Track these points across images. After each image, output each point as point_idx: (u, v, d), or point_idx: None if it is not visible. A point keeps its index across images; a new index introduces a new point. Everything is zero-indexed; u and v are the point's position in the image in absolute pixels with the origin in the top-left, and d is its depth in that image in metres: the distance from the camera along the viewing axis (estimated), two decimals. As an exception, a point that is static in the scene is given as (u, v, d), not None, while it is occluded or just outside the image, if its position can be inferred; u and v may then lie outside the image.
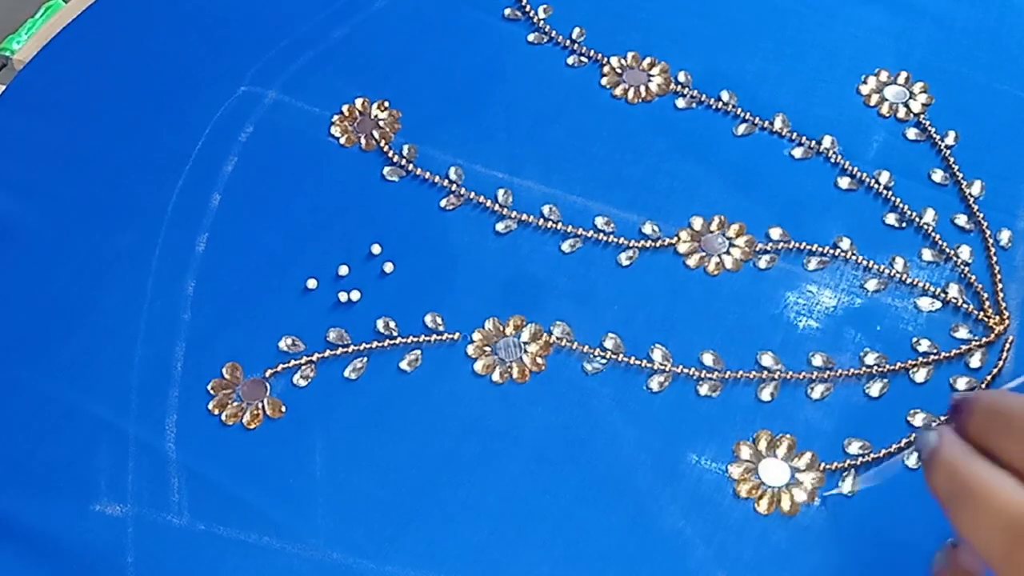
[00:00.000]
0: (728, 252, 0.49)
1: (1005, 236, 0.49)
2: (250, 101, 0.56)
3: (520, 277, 0.49)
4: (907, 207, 0.50)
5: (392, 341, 0.47)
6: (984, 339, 0.46)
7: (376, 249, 0.50)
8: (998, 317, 0.47)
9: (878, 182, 0.51)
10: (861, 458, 0.43)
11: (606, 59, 0.57)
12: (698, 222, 0.50)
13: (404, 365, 0.46)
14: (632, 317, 0.47)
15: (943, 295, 0.47)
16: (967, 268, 0.48)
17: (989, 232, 0.49)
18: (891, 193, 0.51)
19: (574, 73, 0.57)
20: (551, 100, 0.55)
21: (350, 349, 0.46)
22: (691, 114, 0.55)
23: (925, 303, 0.47)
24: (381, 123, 0.54)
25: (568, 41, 0.58)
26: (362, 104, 0.55)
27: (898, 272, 0.48)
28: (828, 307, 0.47)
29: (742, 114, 0.54)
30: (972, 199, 0.50)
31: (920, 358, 0.45)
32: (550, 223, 0.50)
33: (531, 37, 0.58)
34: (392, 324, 0.47)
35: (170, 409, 0.45)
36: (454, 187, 0.52)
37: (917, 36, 0.57)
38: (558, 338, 0.47)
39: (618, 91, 0.56)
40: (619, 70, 0.56)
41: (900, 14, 0.58)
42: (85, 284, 0.49)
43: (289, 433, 0.44)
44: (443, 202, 0.51)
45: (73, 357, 0.47)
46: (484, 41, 0.58)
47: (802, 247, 0.49)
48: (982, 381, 0.45)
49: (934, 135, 0.53)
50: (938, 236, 0.49)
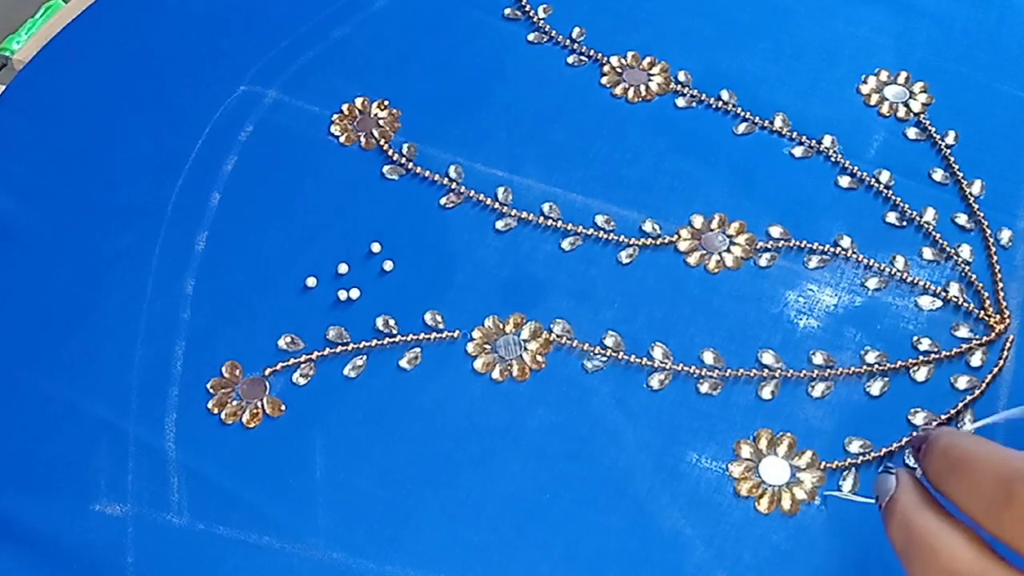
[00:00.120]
0: (728, 250, 0.49)
1: (1005, 235, 0.49)
2: (250, 101, 0.56)
3: (520, 275, 0.49)
4: (907, 206, 0.50)
5: (392, 339, 0.47)
6: (985, 338, 0.46)
7: (376, 247, 0.50)
8: (999, 316, 0.46)
9: (878, 181, 0.51)
10: (861, 457, 0.43)
11: (606, 59, 0.57)
12: (698, 220, 0.50)
13: (404, 363, 0.46)
14: (632, 315, 0.47)
15: (944, 294, 0.47)
16: (968, 267, 0.48)
17: (989, 231, 0.49)
18: (891, 192, 0.51)
19: (574, 72, 0.57)
20: (551, 99, 0.55)
21: (350, 347, 0.46)
22: (691, 113, 0.55)
23: (926, 302, 0.47)
24: (381, 122, 0.54)
25: (568, 41, 0.58)
26: (362, 103, 0.55)
27: (899, 271, 0.48)
28: (829, 305, 0.47)
29: (742, 113, 0.54)
30: (972, 198, 0.50)
31: (921, 357, 0.45)
32: (550, 221, 0.50)
33: (531, 37, 0.58)
34: (392, 322, 0.47)
35: (170, 408, 0.45)
36: (454, 185, 0.52)
37: (917, 36, 0.57)
38: (558, 336, 0.47)
39: (618, 90, 0.56)
40: (619, 69, 0.56)
41: (900, 14, 0.58)
42: (85, 284, 0.49)
43: (289, 432, 0.44)
44: (443, 200, 0.51)
45: (73, 357, 0.47)
46: (484, 41, 0.58)
47: (803, 245, 0.49)
48: (983, 380, 0.45)
49: (934, 135, 0.53)
50: (938, 235, 0.49)
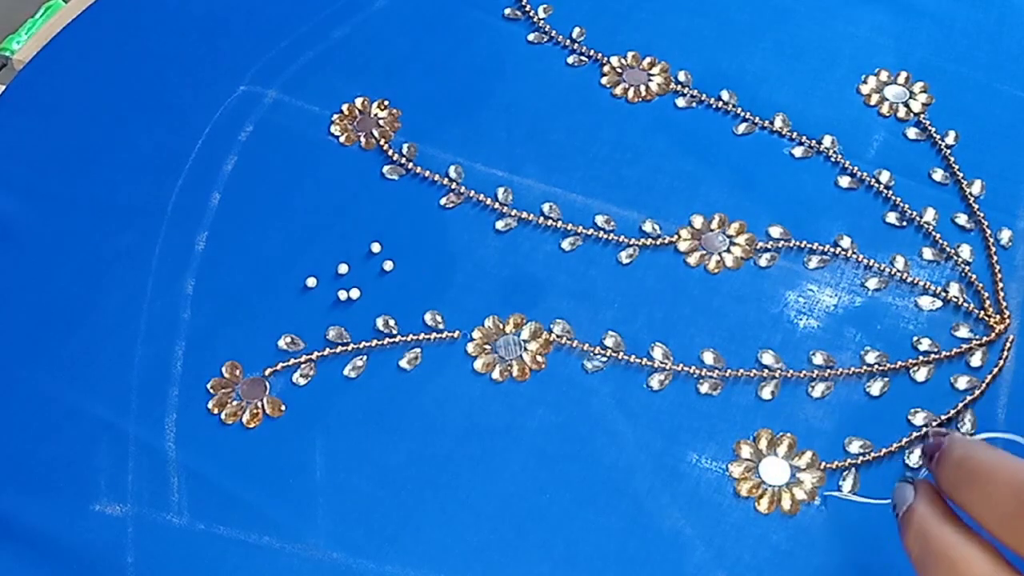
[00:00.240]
0: (728, 250, 0.49)
1: (1005, 235, 0.49)
2: (250, 101, 0.56)
3: (520, 275, 0.49)
4: (907, 206, 0.50)
5: (392, 339, 0.47)
6: (985, 338, 0.46)
7: (376, 247, 0.50)
8: (999, 316, 0.46)
9: (878, 181, 0.51)
10: (861, 457, 0.43)
11: (606, 59, 0.57)
12: (698, 220, 0.50)
13: (404, 363, 0.46)
14: (632, 315, 0.47)
15: (944, 294, 0.47)
16: (968, 267, 0.48)
17: (989, 231, 0.49)
18: (891, 192, 0.51)
19: (574, 72, 0.57)
20: (551, 99, 0.55)
21: (350, 347, 0.46)
22: (691, 113, 0.55)
23: (926, 302, 0.47)
24: (381, 122, 0.54)
25: (568, 41, 0.58)
26: (362, 103, 0.55)
27: (899, 271, 0.48)
28: (828, 306, 0.47)
29: (742, 113, 0.54)
30: (972, 198, 0.50)
31: (921, 357, 0.45)
32: (550, 221, 0.50)
33: (531, 37, 0.58)
34: (392, 322, 0.47)
35: (170, 408, 0.45)
36: (454, 185, 0.52)
37: (917, 36, 0.57)
38: (558, 336, 0.47)
39: (618, 90, 0.56)
40: (619, 69, 0.56)
41: (900, 14, 0.58)
42: (85, 284, 0.49)
43: (289, 432, 0.44)
44: (443, 200, 0.51)
45: (73, 357, 0.47)
46: (484, 41, 0.58)
47: (803, 245, 0.49)
48: (983, 380, 0.45)
49: (934, 135, 0.53)
50: (938, 235, 0.49)
